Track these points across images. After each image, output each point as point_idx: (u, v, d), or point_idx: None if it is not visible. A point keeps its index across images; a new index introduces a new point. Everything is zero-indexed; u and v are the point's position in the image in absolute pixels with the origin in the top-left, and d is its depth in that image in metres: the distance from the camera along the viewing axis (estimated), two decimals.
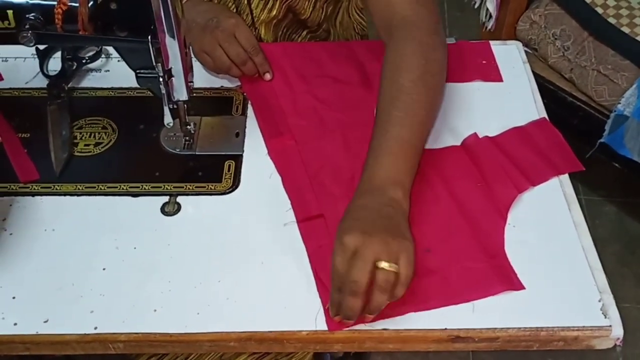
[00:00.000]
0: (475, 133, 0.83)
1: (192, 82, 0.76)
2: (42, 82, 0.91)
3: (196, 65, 0.89)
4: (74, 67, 0.92)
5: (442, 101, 0.84)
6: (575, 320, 0.66)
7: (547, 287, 0.69)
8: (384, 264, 0.61)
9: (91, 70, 0.94)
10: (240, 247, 0.73)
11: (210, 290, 0.69)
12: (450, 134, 0.84)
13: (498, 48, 0.97)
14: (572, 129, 1.51)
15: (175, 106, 0.77)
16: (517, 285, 0.68)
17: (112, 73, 0.93)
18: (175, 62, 0.72)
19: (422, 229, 0.71)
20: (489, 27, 1.63)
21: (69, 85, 0.90)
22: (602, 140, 1.45)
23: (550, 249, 0.72)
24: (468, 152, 0.80)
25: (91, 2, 0.68)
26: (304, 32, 1.03)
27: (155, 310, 0.67)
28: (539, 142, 0.82)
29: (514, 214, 0.75)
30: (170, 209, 0.76)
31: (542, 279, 0.69)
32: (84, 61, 0.92)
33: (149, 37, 0.69)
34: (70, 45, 0.89)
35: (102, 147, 0.83)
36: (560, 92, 1.53)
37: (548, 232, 0.74)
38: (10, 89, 0.91)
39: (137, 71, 0.73)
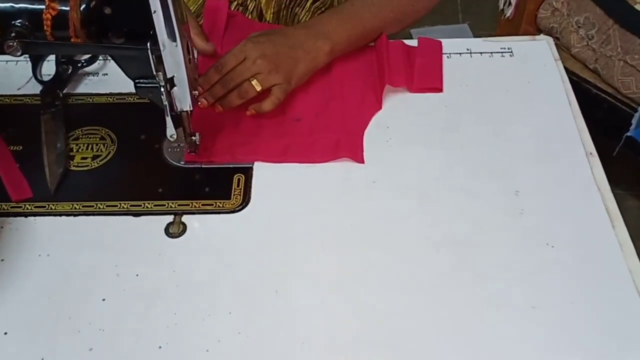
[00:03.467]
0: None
1: (197, 91, 0.69)
2: (36, 88, 0.84)
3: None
4: (69, 71, 0.85)
5: (424, 10, 0.88)
6: (621, 355, 0.60)
7: (588, 315, 0.62)
8: (255, 82, 0.76)
9: (88, 74, 0.87)
10: (252, 273, 0.66)
11: (220, 323, 0.63)
12: (475, 140, 0.77)
13: (526, 44, 0.90)
14: (597, 122, 1.43)
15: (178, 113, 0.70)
16: (359, 158, 0.76)
17: (111, 77, 0.86)
18: (178, 70, 0.65)
19: (300, 101, 0.82)
20: (508, 14, 1.56)
21: (64, 91, 0.84)
22: (628, 134, 1.37)
23: (592, 271, 0.66)
24: (377, 50, 0.87)
25: (83, 6, 0.61)
26: (308, 4, 0.97)
27: (160, 347, 0.61)
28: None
29: (551, 231, 0.69)
30: (175, 230, 0.70)
31: (582, 304, 0.63)
32: (79, 65, 0.85)
33: (148, 44, 0.62)
34: (61, 54, 0.82)
35: (100, 161, 0.76)
36: (584, 83, 1.45)
37: (589, 252, 0.67)
38: (2, 95, 0.84)
39: (136, 81, 0.66)
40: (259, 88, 0.77)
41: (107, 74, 0.87)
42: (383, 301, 0.64)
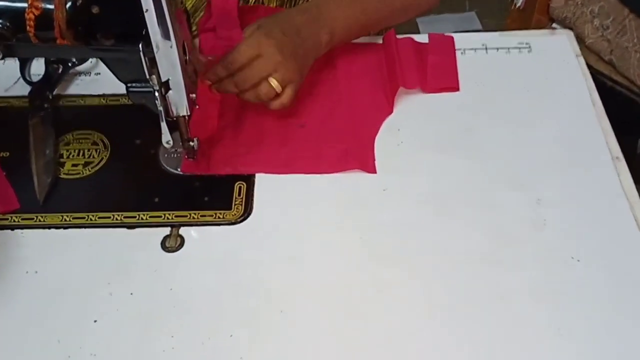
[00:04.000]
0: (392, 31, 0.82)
1: (194, 94, 0.64)
2: (24, 89, 0.79)
3: None
4: (60, 70, 0.80)
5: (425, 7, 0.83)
6: None
7: (619, 338, 0.58)
8: (274, 82, 0.69)
9: (79, 73, 0.82)
10: (255, 291, 0.62)
11: (221, 346, 0.58)
12: (491, 144, 0.73)
13: (545, 39, 0.85)
14: (611, 116, 1.38)
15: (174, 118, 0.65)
16: (370, 168, 0.70)
17: (104, 76, 0.81)
18: (173, 73, 0.60)
19: (303, 103, 0.76)
20: (519, 4, 1.50)
21: (54, 93, 0.78)
22: None
23: (621, 289, 0.61)
24: (386, 48, 0.81)
25: (69, 4, 0.56)
26: None
27: None
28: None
29: (576, 244, 0.64)
30: (172, 244, 0.65)
31: (611, 326, 0.58)
32: (70, 64, 0.80)
33: (140, 45, 0.57)
34: (46, 57, 0.76)
35: (92, 168, 0.72)
36: (598, 76, 1.39)
37: (618, 267, 0.63)
38: None
39: (128, 85, 0.61)
40: (279, 90, 0.70)
41: (99, 74, 0.82)
42: (396, 323, 0.59)
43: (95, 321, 0.60)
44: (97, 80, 0.81)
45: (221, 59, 0.71)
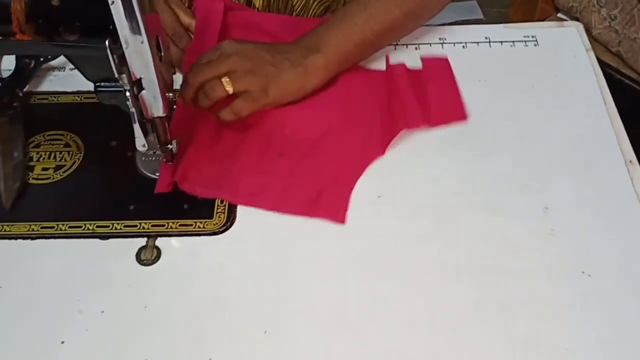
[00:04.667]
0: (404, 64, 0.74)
1: (171, 93, 0.59)
2: None
3: None
4: (32, 65, 0.75)
5: (424, 19, 0.74)
6: None
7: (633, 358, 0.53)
8: (226, 80, 0.64)
9: (53, 69, 0.76)
10: (237, 309, 0.57)
11: None
12: (495, 145, 0.67)
13: (553, 32, 0.79)
14: (619, 110, 1.33)
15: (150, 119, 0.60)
16: (340, 219, 0.62)
17: (79, 73, 0.75)
18: (146, 71, 0.54)
19: (288, 130, 0.68)
20: None
21: (24, 90, 0.73)
22: None
23: (637, 310, 0.56)
24: (388, 78, 0.73)
25: None
26: None
27: None
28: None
29: (587, 256, 0.59)
30: (148, 256, 0.60)
31: (625, 345, 0.54)
32: (42, 59, 0.75)
33: (107, 41, 0.51)
34: (4, 54, 0.71)
35: (63, 172, 0.66)
36: (605, 68, 1.33)
37: (632, 281, 0.57)
38: None
39: (97, 84, 0.56)
40: (229, 88, 0.64)
41: (74, 69, 0.76)
42: (393, 342, 0.54)
43: (62, 342, 0.55)
44: (72, 76, 0.75)
45: (190, 67, 0.67)
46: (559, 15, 1.40)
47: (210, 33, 0.75)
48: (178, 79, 0.72)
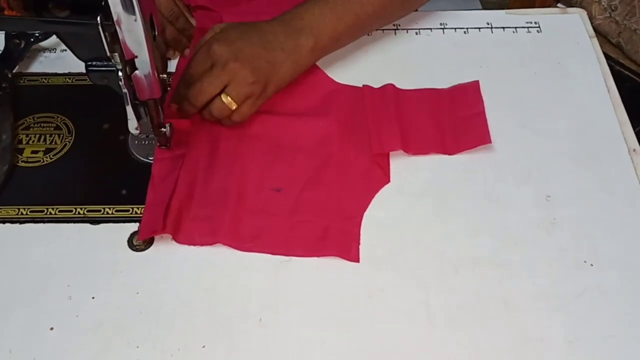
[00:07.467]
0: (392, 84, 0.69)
1: (165, 74, 0.57)
2: None
3: None
4: (22, 45, 0.73)
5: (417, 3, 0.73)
6: None
7: (636, 354, 0.52)
8: (227, 99, 0.62)
9: (43, 50, 0.74)
10: (232, 297, 0.55)
11: (192, 359, 0.52)
12: (497, 134, 0.66)
13: (555, 18, 0.77)
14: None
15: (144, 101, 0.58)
16: (353, 257, 0.57)
17: (71, 54, 0.73)
18: (139, 50, 0.53)
19: (282, 161, 0.63)
20: None
21: (13, 71, 0.71)
22: None
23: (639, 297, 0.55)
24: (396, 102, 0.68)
25: None
26: None
27: None
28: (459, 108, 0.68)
29: (589, 246, 0.58)
30: (140, 242, 0.59)
31: (627, 339, 0.52)
32: (32, 39, 0.73)
33: (99, 18, 0.49)
34: None
35: (53, 155, 0.65)
36: (605, 59, 1.32)
37: (636, 275, 0.56)
38: None
39: (88, 63, 0.54)
40: (233, 107, 0.62)
41: (66, 50, 0.74)
42: (391, 333, 0.53)
43: (51, 329, 0.53)
44: (63, 57, 0.73)
45: (181, 76, 0.65)
46: (559, 5, 1.39)
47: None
48: (172, 64, 0.71)
